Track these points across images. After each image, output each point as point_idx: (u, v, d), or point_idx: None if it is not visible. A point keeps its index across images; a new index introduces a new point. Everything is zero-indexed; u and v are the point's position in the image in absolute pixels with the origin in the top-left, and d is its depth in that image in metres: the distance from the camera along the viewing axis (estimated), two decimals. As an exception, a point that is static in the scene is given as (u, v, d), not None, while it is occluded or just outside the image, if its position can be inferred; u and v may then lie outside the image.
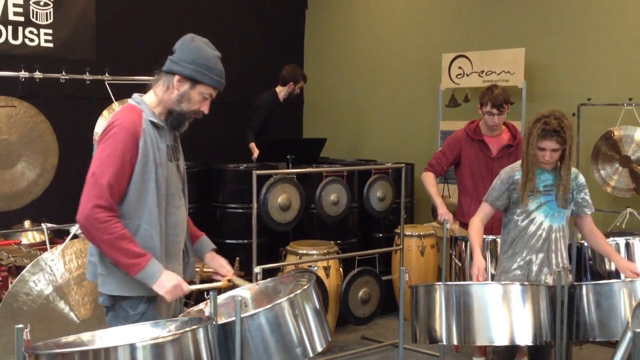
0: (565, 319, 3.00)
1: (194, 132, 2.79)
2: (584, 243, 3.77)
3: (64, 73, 4.50)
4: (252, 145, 5.83)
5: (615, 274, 3.66)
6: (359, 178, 5.47)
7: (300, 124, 7.76)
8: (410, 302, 3.22)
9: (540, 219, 3.31)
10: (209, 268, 3.95)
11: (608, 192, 5.26)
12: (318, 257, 4.85)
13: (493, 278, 3.77)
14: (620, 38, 5.40)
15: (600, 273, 3.84)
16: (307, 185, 4.90)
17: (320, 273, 4.81)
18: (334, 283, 4.92)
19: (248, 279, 4.18)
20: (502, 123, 4.30)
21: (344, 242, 5.48)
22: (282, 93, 6.08)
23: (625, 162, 5.17)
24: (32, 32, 5.43)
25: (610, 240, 3.76)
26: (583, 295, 3.04)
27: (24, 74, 4.37)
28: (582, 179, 3.39)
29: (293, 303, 2.40)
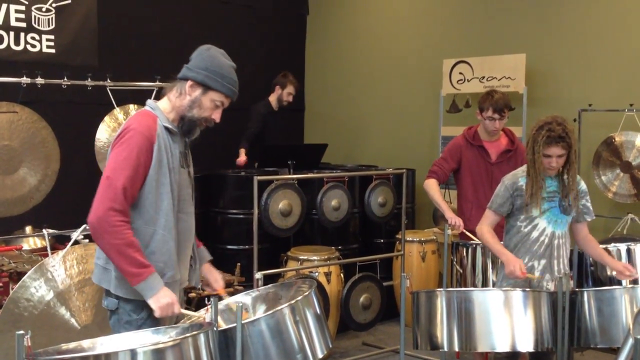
0: (567, 325, 3.00)
1: (196, 137, 2.80)
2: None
3: (66, 79, 4.50)
4: (241, 151, 5.81)
5: (617, 280, 3.65)
6: (360, 184, 5.47)
7: (302, 130, 7.76)
8: (412, 308, 3.22)
9: (544, 225, 3.30)
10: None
11: (609, 197, 5.25)
12: (319, 262, 4.85)
13: (494, 284, 3.77)
14: (621, 44, 5.40)
15: (602, 279, 3.84)
16: (308, 191, 4.90)
17: (321, 279, 4.81)
18: (335, 289, 4.91)
19: (249, 285, 4.19)
20: (501, 128, 4.29)
21: (345, 247, 5.47)
22: (273, 101, 6.07)
23: (626, 167, 5.17)
24: (34, 38, 5.44)
25: (612, 246, 3.76)
26: (584, 302, 3.04)
27: (26, 80, 4.37)
28: (583, 186, 3.39)
29: (294, 309, 2.40)
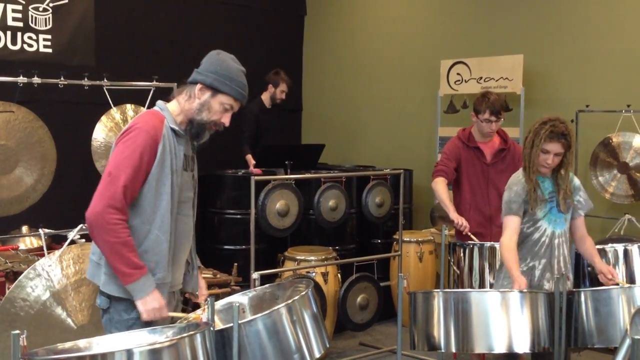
0: (564, 326, 2.99)
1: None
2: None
3: (63, 78, 4.50)
4: (248, 157, 5.71)
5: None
6: (358, 184, 5.47)
7: (299, 130, 7.76)
8: (409, 308, 3.22)
9: (545, 226, 3.30)
10: (207, 274, 3.94)
11: (606, 198, 5.26)
12: (316, 263, 4.85)
13: (491, 285, 3.77)
14: (619, 45, 5.40)
15: (599, 279, 3.83)
16: (305, 191, 4.90)
17: (319, 279, 4.80)
18: (332, 289, 4.91)
19: (246, 285, 4.19)
20: (497, 130, 4.26)
21: (342, 248, 5.47)
22: (266, 99, 6.05)
23: (624, 168, 5.17)
24: (30, 37, 5.43)
25: (609, 247, 3.75)
26: (581, 302, 3.04)
27: (23, 80, 4.37)
28: (576, 181, 3.39)
29: (291, 309, 2.39)
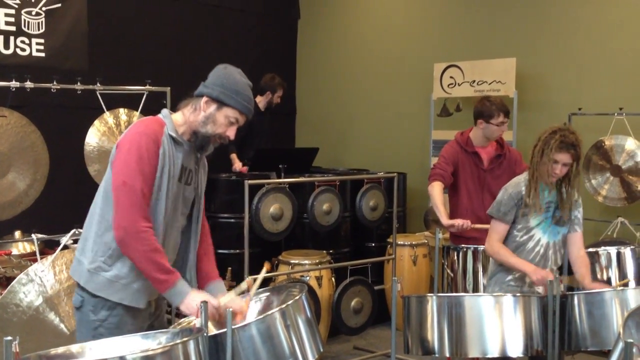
0: (557, 329, 3.00)
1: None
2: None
3: (55, 83, 4.48)
4: (233, 156, 5.73)
5: (607, 284, 3.66)
6: (351, 187, 5.47)
7: (293, 134, 7.76)
8: (403, 312, 3.22)
9: (539, 236, 3.29)
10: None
11: (599, 201, 5.27)
12: (310, 267, 4.84)
13: (485, 288, 3.77)
14: (611, 48, 5.43)
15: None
16: (299, 195, 4.90)
17: (313, 283, 4.80)
18: (326, 293, 4.90)
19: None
20: None
21: (336, 251, 5.47)
22: (261, 103, 6.02)
23: (616, 171, 5.19)
24: (23, 41, 5.42)
25: (602, 250, 3.77)
26: (575, 305, 3.04)
27: (15, 84, 4.35)
28: (579, 198, 3.38)
29: (285, 314, 2.38)
